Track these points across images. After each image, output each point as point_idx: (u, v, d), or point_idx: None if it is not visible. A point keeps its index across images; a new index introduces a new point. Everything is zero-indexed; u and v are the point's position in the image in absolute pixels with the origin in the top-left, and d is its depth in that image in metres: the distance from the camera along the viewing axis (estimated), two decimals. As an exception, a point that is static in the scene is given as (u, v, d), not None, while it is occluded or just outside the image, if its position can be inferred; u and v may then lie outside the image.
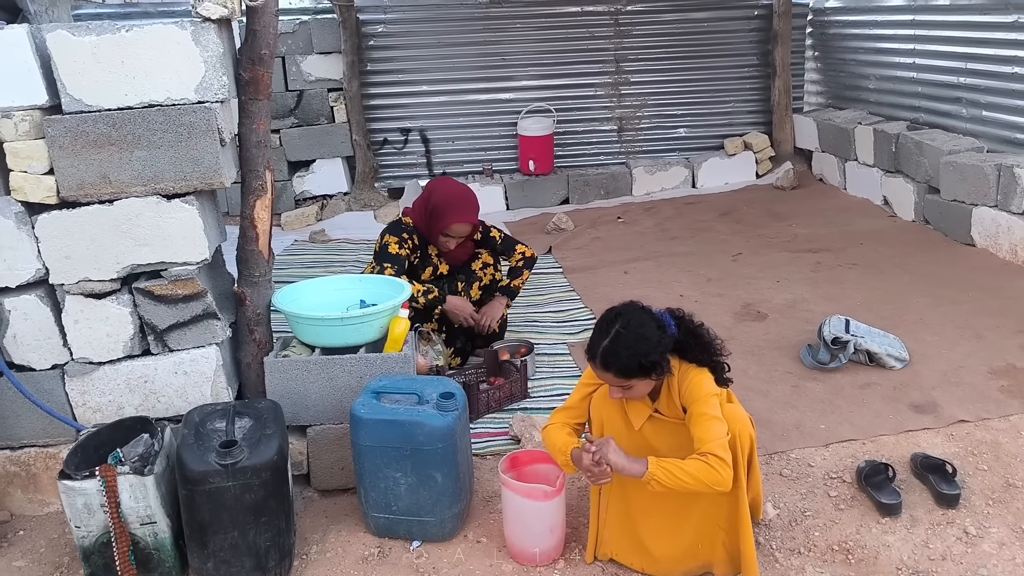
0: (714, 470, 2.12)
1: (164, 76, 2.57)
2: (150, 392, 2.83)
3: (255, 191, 2.84)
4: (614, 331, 2.21)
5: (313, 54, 6.73)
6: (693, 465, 2.13)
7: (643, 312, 2.27)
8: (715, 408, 2.21)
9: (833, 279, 4.71)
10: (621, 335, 2.20)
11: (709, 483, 2.13)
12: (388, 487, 2.59)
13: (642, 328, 2.21)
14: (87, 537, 2.43)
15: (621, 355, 2.19)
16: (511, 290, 3.85)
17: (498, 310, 3.74)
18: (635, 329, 2.20)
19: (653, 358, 2.20)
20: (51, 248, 2.65)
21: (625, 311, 2.26)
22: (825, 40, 7.40)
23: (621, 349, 2.19)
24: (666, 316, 2.29)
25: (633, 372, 2.21)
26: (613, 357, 2.20)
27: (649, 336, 2.20)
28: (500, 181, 7.04)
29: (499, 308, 3.75)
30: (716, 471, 2.12)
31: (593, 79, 7.32)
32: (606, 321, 2.26)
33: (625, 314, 2.24)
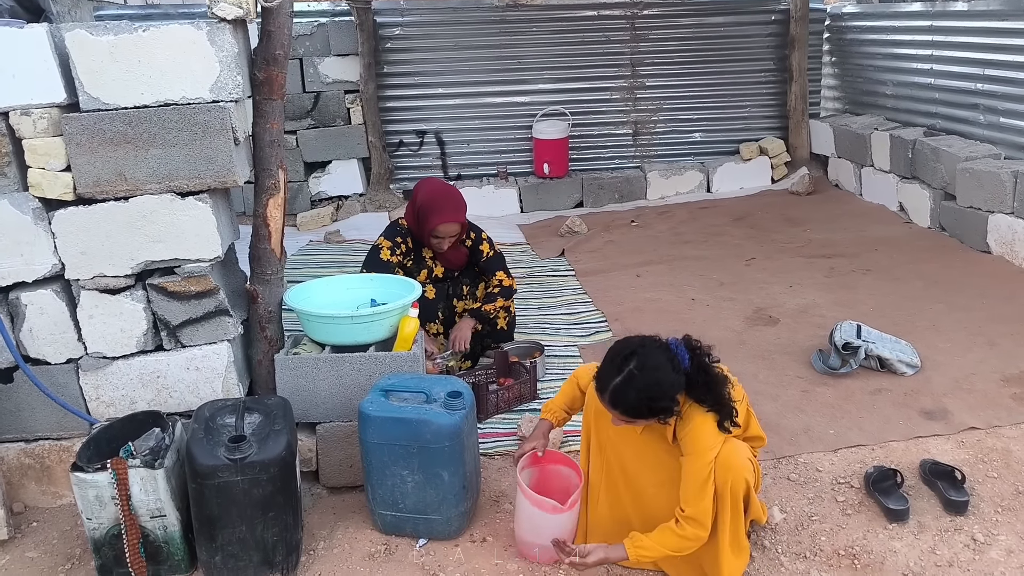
0: (685, 540, 2.21)
1: (180, 76, 2.60)
2: (162, 387, 2.86)
3: (268, 190, 2.88)
4: (628, 370, 2.16)
5: (330, 56, 6.78)
6: (667, 539, 2.23)
7: (660, 351, 2.21)
8: (707, 468, 2.19)
9: (846, 285, 4.70)
10: (634, 377, 2.15)
11: (684, 550, 2.24)
12: (395, 485, 2.60)
13: (657, 372, 2.16)
14: (98, 529, 2.46)
15: (631, 398, 2.17)
16: (481, 314, 3.72)
17: (466, 331, 3.66)
18: (650, 372, 2.15)
19: (663, 404, 2.17)
20: (67, 244, 2.69)
21: (641, 350, 2.20)
22: (842, 45, 7.38)
23: (631, 391, 2.16)
24: (680, 348, 2.24)
25: (641, 415, 2.20)
26: (622, 398, 2.18)
27: (662, 381, 2.16)
28: (515, 184, 7.06)
29: (467, 329, 3.66)
30: (687, 540, 2.21)
31: (609, 83, 7.34)
32: (621, 356, 2.20)
33: (641, 354, 2.18)
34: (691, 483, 2.21)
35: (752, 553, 2.51)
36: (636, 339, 2.26)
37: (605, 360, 2.25)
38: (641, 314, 4.41)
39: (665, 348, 2.22)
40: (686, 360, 2.21)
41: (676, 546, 2.22)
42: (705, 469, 2.19)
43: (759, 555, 2.51)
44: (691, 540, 2.21)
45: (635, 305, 4.57)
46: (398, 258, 3.59)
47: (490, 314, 3.76)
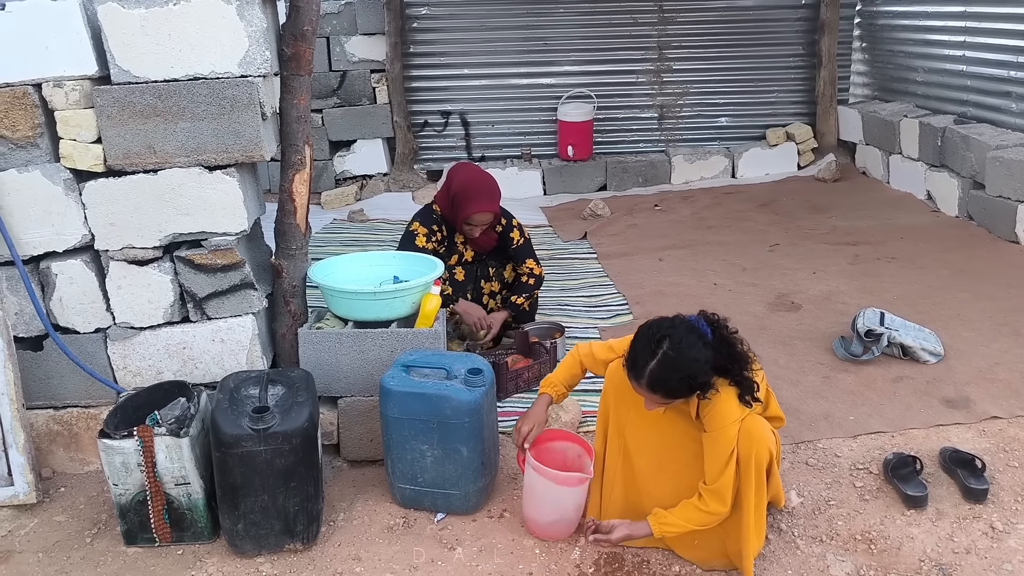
0: (708, 514, 2.23)
1: (209, 49, 2.63)
2: (188, 358, 2.91)
3: (294, 165, 2.90)
4: (662, 353, 2.16)
5: (357, 35, 6.79)
6: (691, 514, 2.26)
7: (688, 329, 2.20)
8: (730, 443, 2.21)
9: (870, 272, 4.66)
10: (671, 358, 2.15)
11: (706, 524, 2.27)
12: (415, 459, 2.64)
13: (692, 350, 2.16)
14: (124, 495, 2.52)
15: (671, 380, 2.16)
16: (515, 306, 3.79)
17: (499, 321, 3.70)
18: (686, 351, 2.15)
19: (703, 380, 2.18)
20: (97, 215, 2.73)
21: (673, 332, 2.19)
22: (873, 31, 7.27)
23: (671, 374, 2.16)
24: (702, 323, 2.24)
25: (682, 394, 2.20)
26: (662, 382, 2.17)
27: (699, 357, 2.16)
28: (538, 166, 7.05)
29: (500, 319, 3.71)
30: (710, 515, 2.24)
31: (635, 66, 7.29)
32: (652, 340, 2.19)
33: (672, 335, 2.18)
34: (714, 457, 2.23)
35: (768, 536, 2.51)
36: (664, 321, 2.25)
37: (635, 346, 2.24)
38: (662, 298, 4.41)
39: (691, 325, 2.23)
40: (709, 334, 2.22)
41: (699, 520, 2.25)
42: (729, 444, 2.21)
43: (775, 538, 2.52)
44: (714, 515, 2.23)
45: (657, 289, 4.56)
46: (433, 245, 3.60)
47: (524, 307, 3.81)
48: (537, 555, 2.49)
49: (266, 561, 2.50)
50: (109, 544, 2.61)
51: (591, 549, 2.50)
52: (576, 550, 2.50)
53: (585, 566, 2.44)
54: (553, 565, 2.45)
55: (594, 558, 2.47)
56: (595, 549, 2.49)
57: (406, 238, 3.59)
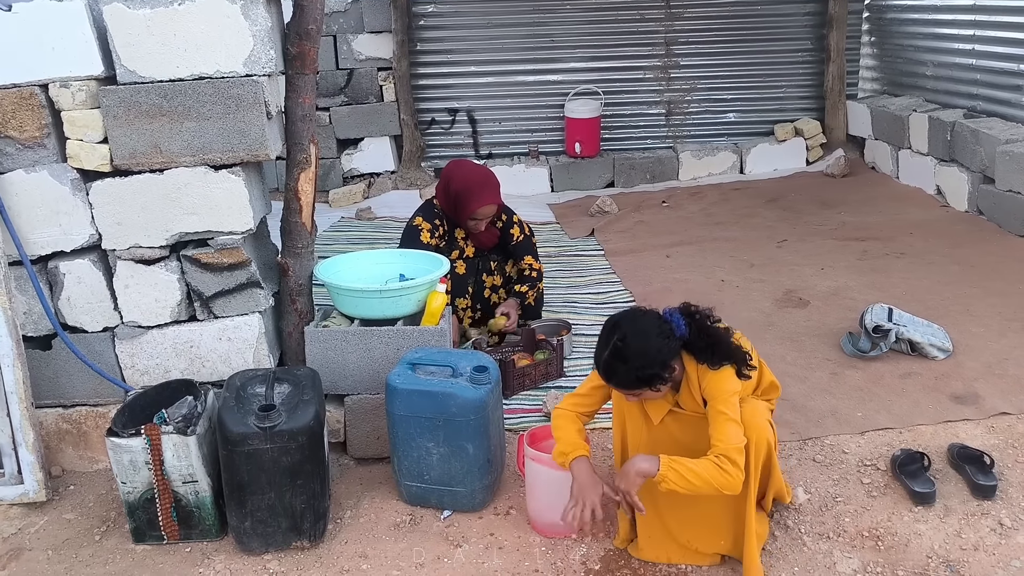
0: (725, 473, 2.12)
1: (214, 49, 2.64)
2: (195, 357, 2.92)
3: (299, 164, 2.91)
4: (613, 342, 2.18)
5: (364, 33, 6.80)
6: (704, 467, 2.14)
7: (645, 320, 2.21)
8: (734, 408, 2.19)
9: (879, 268, 4.64)
10: (618, 349, 2.17)
11: (719, 486, 2.14)
12: (421, 456, 2.64)
13: (640, 340, 2.16)
14: (132, 493, 2.53)
15: (619, 369, 2.18)
16: (522, 296, 3.79)
17: (516, 309, 3.72)
18: (633, 342, 2.16)
19: (651, 371, 2.17)
20: (104, 214, 2.75)
21: (623, 321, 2.22)
22: (882, 25, 7.23)
23: (618, 363, 2.17)
24: (675, 316, 2.23)
25: (632, 385, 2.21)
26: (611, 371, 2.20)
27: (647, 350, 2.16)
28: (546, 163, 7.05)
29: (516, 308, 3.72)
30: (727, 475, 2.12)
31: (642, 62, 7.27)
32: (607, 328, 2.23)
33: (623, 324, 2.20)
34: (720, 422, 2.17)
35: (775, 532, 2.51)
36: (627, 312, 2.27)
37: (599, 336, 2.26)
38: (670, 295, 4.40)
39: (654, 316, 2.23)
40: (682, 327, 2.21)
41: (711, 476, 2.12)
42: (732, 407, 2.18)
43: (782, 534, 2.51)
44: (728, 474, 2.12)
45: (664, 286, 4.55)
46: (436, 240, 3.60)
47: (527, 298, 3.81)
48: (543, 552, 2.49)
49: (273, 559, 2.51)
50: (118, 542, 2.63)
51: (596, 545, 2.50)
52: (582, 547, 2.51)
53: (591, 563, 2.44)
54: (559, 562, 2.45)
55: (600, 555, 2.47)
56: (601, 545, 2.49)
57: (409, 233, 3.58)
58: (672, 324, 2.21)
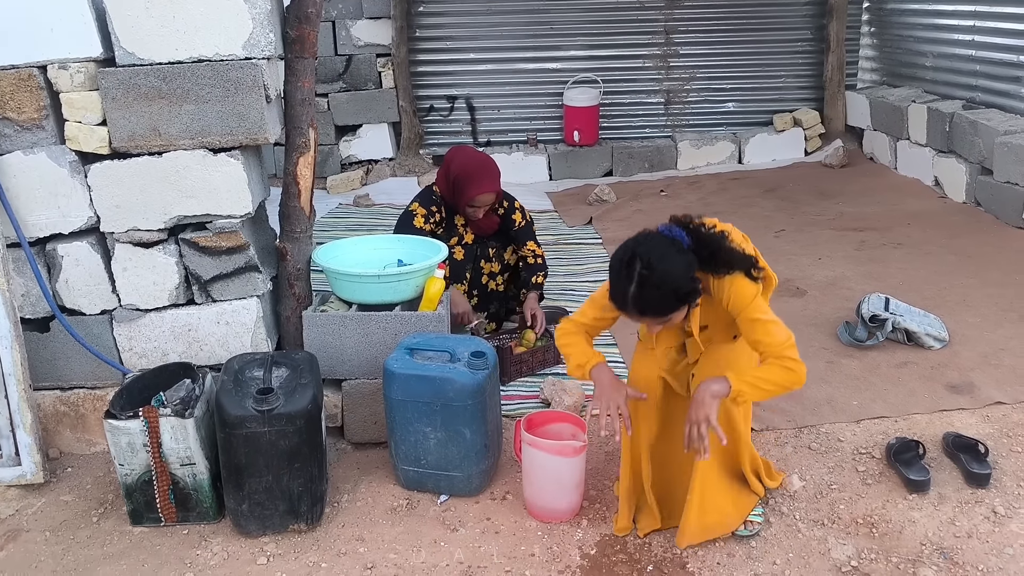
0: (792, 371, 2.11)
1: (213, 32, 2.63)
2: (193, 340, 2.92)
3: (299, 148, 2.90)
4: (637, 275, 2.06)
5: (363, 19, 6.77)
6: (771, 371, 2.12)
7: (655, 241, 2.12)
8: (764, 310, 2.15)
9: (876, 258, 4.65)
10: (647, 278, 2.06)
11: (790, 386, 2.13)
12: (418, 441, 2.65)
13: (665, 263, 2.06)
14: (130, 475, 2.54)
15: (654, 298, 2.08)
16: (536, 286, 3.76)
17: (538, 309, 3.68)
18: (659, 267, 2.06)
19: (687, 288, 2.09)
20: (102, 197, 2.74)
21: (638, 250, 2.09)
22: (882, 15, 7.22)
23: (652, 292, 2.07)
24: (675, 230, 2.15)
25: (671, 309, 2.12)
26: (647, 303, 2.09)
27: (675, 269, 2.07)
28: (544, 151, 7.04)
29: (537, 306, 3.70)
30: (794, 372, 2.12)
31: (641, 50, 7.26)
32: (623, 264, 2.10)
33: (640, 253, 2.08)
34: (758, 328, 2.15)
35: (770, 519, 2.53)
36: (630, 242, 2.15)
37: (611, 276, 2.15)
38: (667, 283, 4.40)
39: (661, 236, 2.15)
40: (685, 239, 2.14)
41: (782, 377, 2.12)
42: (762, 309, 2.15)
43: (777, 520, 2.53)
44: (796, 372, 2.12)
45: (661, 274, 4.55)
46: (431, 226, 3.59)
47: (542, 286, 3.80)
48: (540, 537, 2.51)
49: (270, 541, 2.52)
50: (115, 524, 2.64)
51: (593, 530, 2.51)
52: (579, 532, 2.52)
53: (587, 547, 2.45)
54: (555, 546, 2.46)
55: (596, 540, 2.48)
56: (597, 530, 2.50)
57: (404, 218, 3.58)
58: (677, 238, 2.14)
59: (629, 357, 3.51)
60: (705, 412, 2.13)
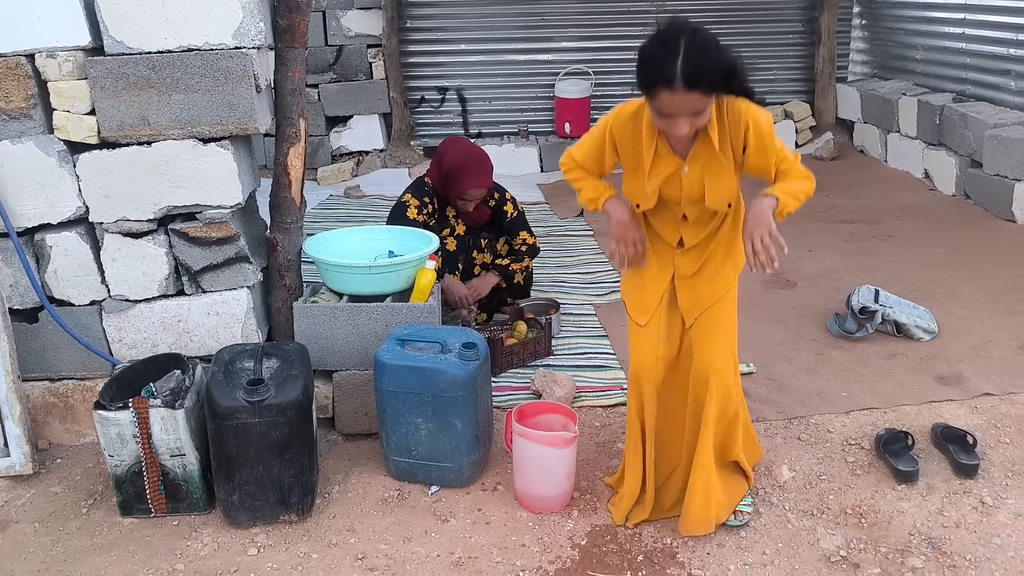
0: (811, 179, 2.22)
1: (203, 21, 2.61)
2: (183, 331, 2.91)
3: (289, 138, 2.89)
4: (683, 42, 1.92)
5: (353, 9, 6.73)
6: (800, 182, 2.19)
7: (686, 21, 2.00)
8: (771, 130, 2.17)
9: (866, 250, 4.67)
10: (696, 44, 1.93)
11: (811, 192, 2.23)
12: (409, 432, 2.65)
13: (711, 35, 1.97)
14: (120, 466, 2.53)
15: (706, 64, 1.94)
16: (508, 272, 3.78)
17: (486, 286, 3.69)
18: (706, 34, 1.96)
19: (734, 60, 2.00)
20: (91, 187, 2.73)
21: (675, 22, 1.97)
22: (873, 8, 7.23)
23: (702, 58, 1.93)
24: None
25: (719, 83, 2.00)
26: (697, 69, 1.92)
27: (717, 42, 1.97)
28: (535, 143, 7.03)
29: (488, 284, 3.70)
30: (812, 180, 2.22)
31: (633, 42, 7.13)
32: (666, 39, 1.95)
33: (686, 29, 1.95)
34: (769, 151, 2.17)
35: (760, 509, 2.54)
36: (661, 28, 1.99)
37: (650, 61, 1.97)
38: (658, 274, 4.41)
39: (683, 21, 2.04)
40: None
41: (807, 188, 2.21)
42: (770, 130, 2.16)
43: (767, 511, 2.54)
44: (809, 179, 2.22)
45: (653, 266, 4.56)
46: (424, 217, 3.58)
47: (515, 273, 3.80)
48: (530, 527, 2.51)
49: (261, 532, 2.52)
50: (105, 515, 2.63)
51: (583, 521, 2.52)
52: (569, 522, 2.52)
53: (578, 538, 2.46)
54: (546, 537, 2.47)
55: (587, 530, 2.49)
56: (588, 521, 2.51)
57: (397, 209, 3.57)
58: None
59: (620, 349, 3.53)
60: (766, 224, 2.11)
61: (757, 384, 3.23)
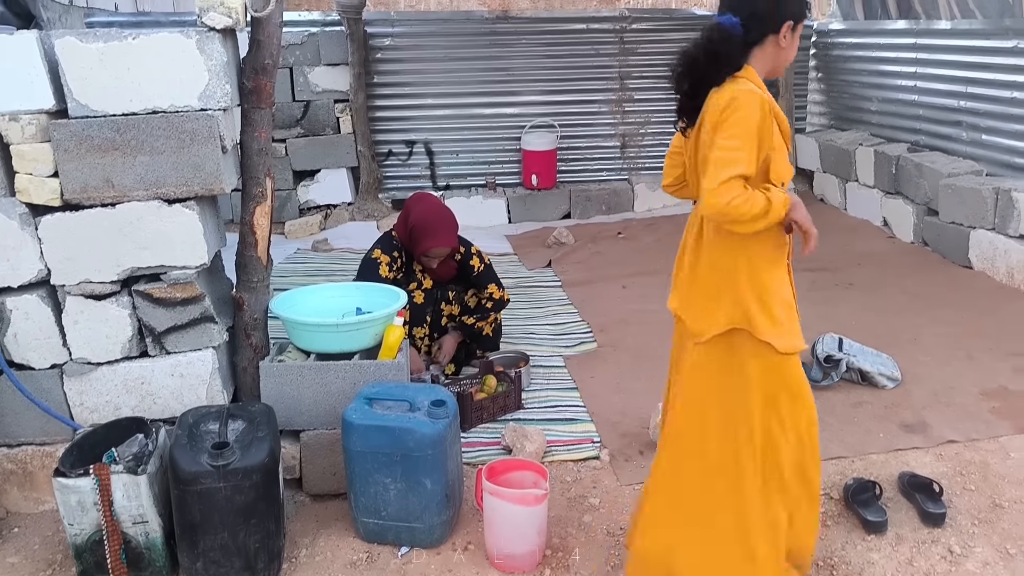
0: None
1: (168, 83, 2.62)
2: (147, 393, 2.87)
3: (255, 198, 2.89)
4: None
5: (321, 65, 6.80)
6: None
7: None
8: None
9: (829, 299, 4.74)
10: None
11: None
12: (378, 492, 2.61)
13: None
14: (79, 535, 2.46)
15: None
16: (472, 330, 3.83)
17: (451, 345, 3.75)
18: None
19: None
20: (53, 249, 2.69)
21: None
22: (829, 61, 7.46)
23: None
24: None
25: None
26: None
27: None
28: (503, 195, 7.10)
29: (452, 344, 3.76)
30: None
31: (597, 95, 7.39)
32: None
33: None
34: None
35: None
36: None
37: None
38: (626, 325, 4.44)
39: None
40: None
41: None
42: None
43: (738, 565, 2.53)
44: None
45: (620, 316, 4.59)
46: (394, 274, 3.60)
47: (481, 330, 3.80)
48: (502, 588, 2.48)
49: (226, 600, 2.45)
50: (64, 586, 2.55)
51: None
52: (541, 582, 2.50)
53: (550, 598, 2.43)
54: (518, 598, 2.44)
55: (559, 590, 2.46)
56: (560, 581, 2.49)
57: (368, 266, 3.57)
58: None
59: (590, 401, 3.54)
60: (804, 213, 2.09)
61: (726, 435, 3.24)
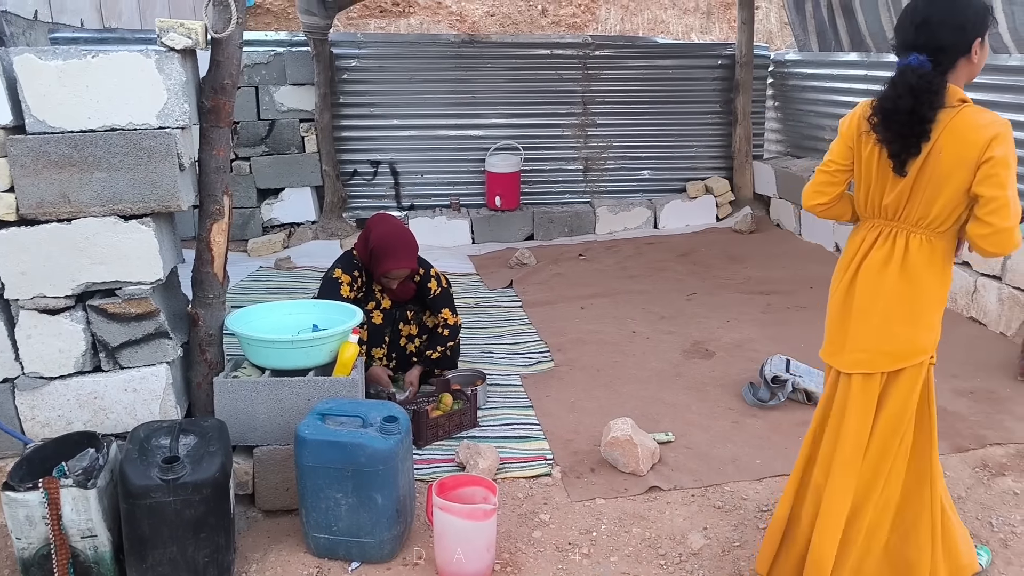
0: None
1: (127, 102, 2.66)
2: (99, 408, 2.87)
3: (212, 215, 2.93)
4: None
5: (286, 85, 6.83)
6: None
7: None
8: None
9: (781, 321, 4.86)
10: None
11: None
12: (329, 507, 2.64)
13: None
14: (27, 549, 2.46)
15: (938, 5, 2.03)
16: (430, 361, 3.89)
17: (416, 376, 3.82)
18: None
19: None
20: (7, 264, 2.71)
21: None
22: (785, 91, 7.67)
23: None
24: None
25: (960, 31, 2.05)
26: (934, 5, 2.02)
27: None
28: (467, 215, 7.17)
29: (417, 375, 3.83)
30: None
31: (561, 120, 7.51)
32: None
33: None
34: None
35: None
36: None
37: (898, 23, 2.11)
38: (583, 345, 4.52)
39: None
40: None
41: None
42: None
43: (682, 579, 2.60)
44: None
45: (578, 336, 4.67)
46: (355, 293, 3.64)
47: (438, 361, 3.88)
48: (450, 602, 2.51)
49: (174, 615, 2.46)
50: (10, 601, 2.54)
51: (503, 594, 2.53)
52: (489, 596, 2.54)
53: (497, 611, 2.47)
54: (465, 611, 2.47)
55: (506, 603, 2.50)
56: (507, 594, 2.53)
57: (329, 286, 3.61)
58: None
59: (545, 420, 3.59)
60: None
61: (675, 452, 3.32)
